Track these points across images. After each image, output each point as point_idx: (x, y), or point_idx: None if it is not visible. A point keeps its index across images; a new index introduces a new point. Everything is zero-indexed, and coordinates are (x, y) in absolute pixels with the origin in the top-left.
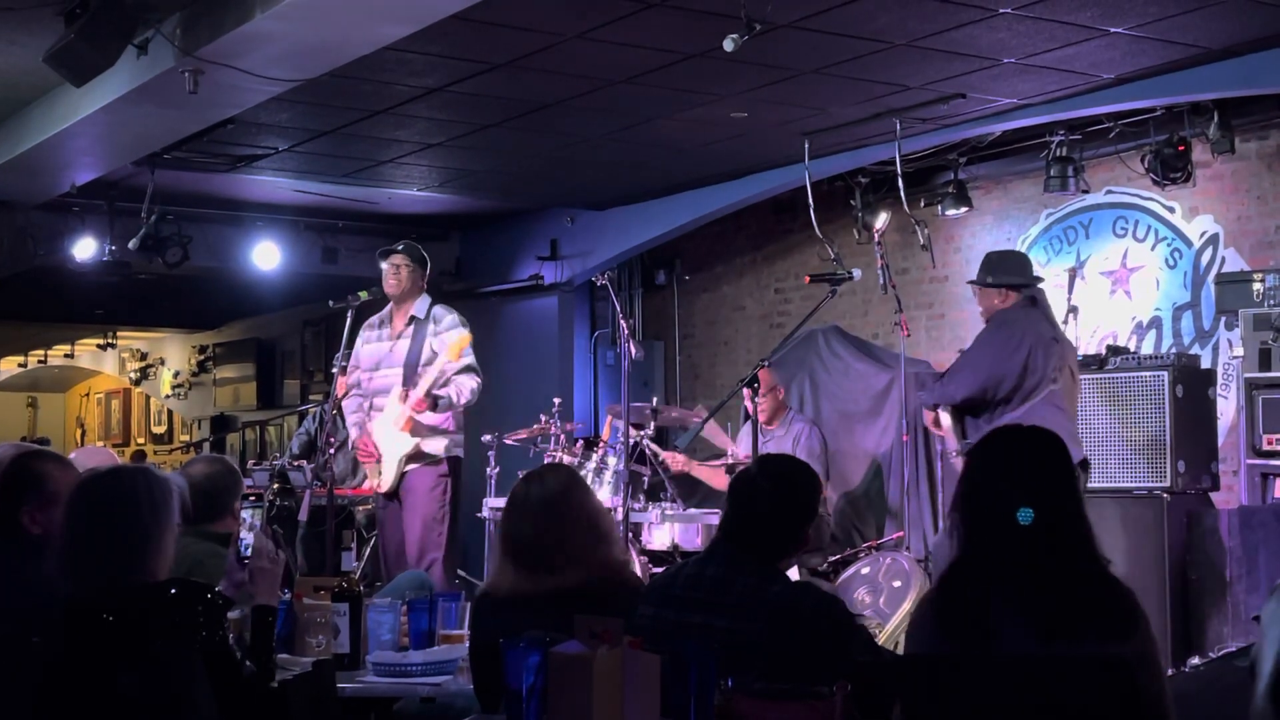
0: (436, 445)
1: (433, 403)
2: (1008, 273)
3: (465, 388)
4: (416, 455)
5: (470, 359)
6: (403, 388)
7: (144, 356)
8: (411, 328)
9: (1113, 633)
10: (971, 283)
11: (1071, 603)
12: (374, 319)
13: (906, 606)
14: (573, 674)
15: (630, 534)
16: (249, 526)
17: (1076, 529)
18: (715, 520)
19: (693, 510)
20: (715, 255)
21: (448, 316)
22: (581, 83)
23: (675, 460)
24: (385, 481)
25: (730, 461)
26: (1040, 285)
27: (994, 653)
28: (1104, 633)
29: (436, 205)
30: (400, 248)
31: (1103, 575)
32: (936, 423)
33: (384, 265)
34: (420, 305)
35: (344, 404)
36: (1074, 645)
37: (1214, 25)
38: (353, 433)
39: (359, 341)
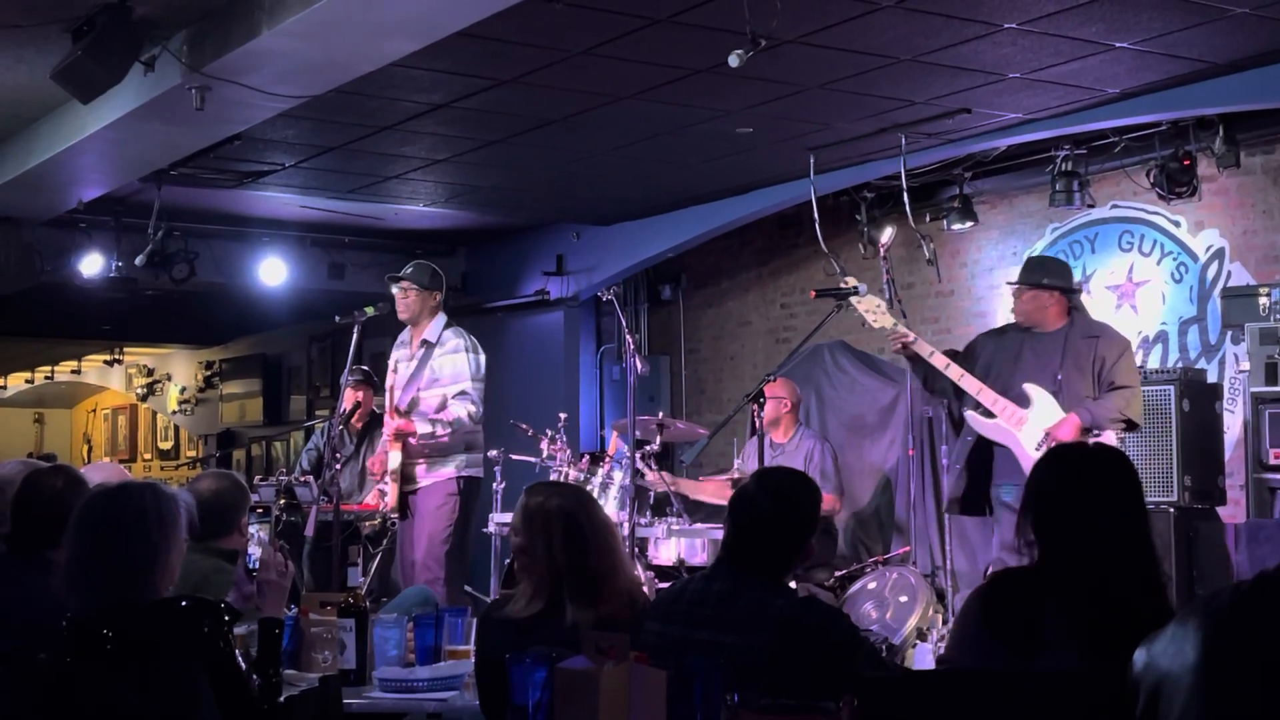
0: (446, 466)
1: (410, 429)
2: (1060, 277)
3: (451, 413)
4: (412, 476)
5: (466, 384)
6: (392, 408)
7: (150, 372)
8: (422, 350)
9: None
10: (1019, 284)
11: (1121, 623)
12: (401, 337)
13: (913, 621)
14: (579, 690)
15: (636, 549)
16: (256, 540)
17: (1135, 546)
18: (720, 535)
19: (698, 525)
20: (721, 270)
21: (454, 340)
22: (587, 98)
23: (659, 481)
24: (390, 499)
25: (736, 476)
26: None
27: (1035, 660)
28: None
29: (442, 221)
30: (406, 272)
31: (1157, 601)
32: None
33: (394, 290)
34: (433, 328)
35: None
36: (1112, 659)
37: (1219, 40)
38: (379, 456)
39: (390, 361)
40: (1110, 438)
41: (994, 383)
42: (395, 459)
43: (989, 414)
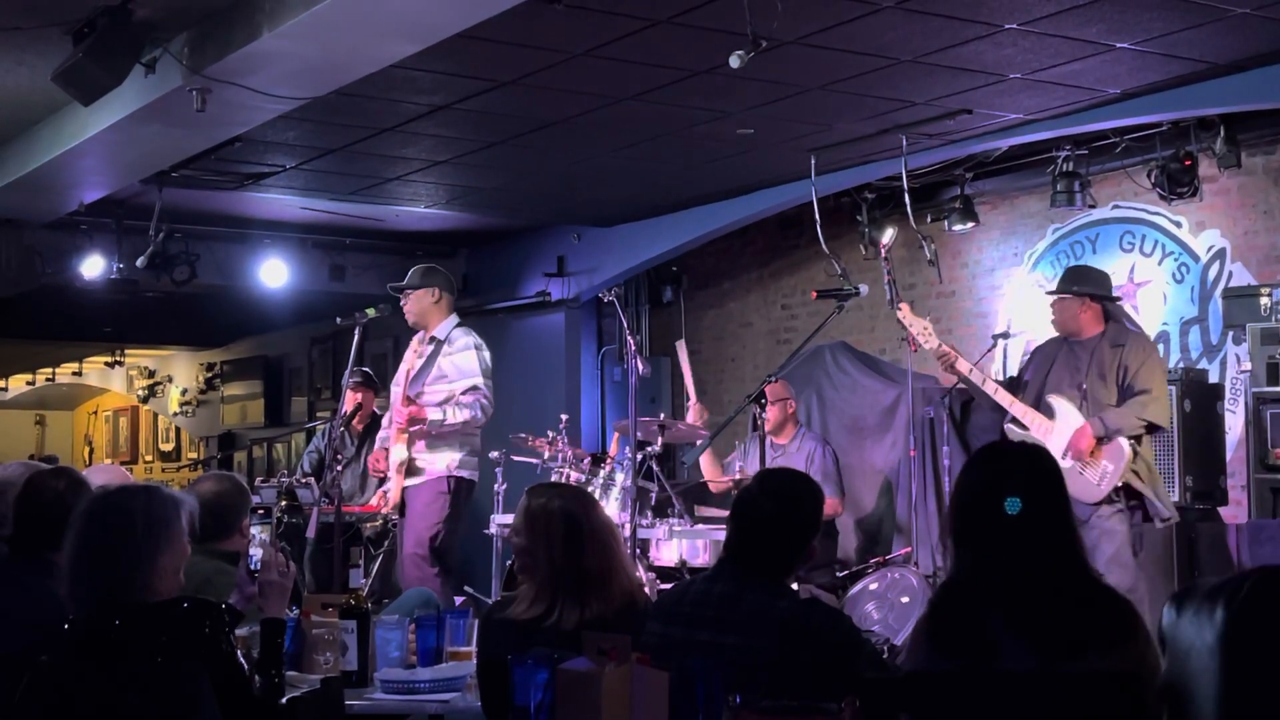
0: (438, 461)
1: (420, 415)
2: (1093, 285)
3: (463, 406)
4: (413, 469)
5: (477, 379)
6: (403, 397)
7: (152, 374)
8: (430, 348)
9: (1111, 641)
10: (1053, 293)
11: (1068, 615)
12: (416, 337)
13: (914, 622)
14: (581, 691)
15: (638, 550)
16: (257, 542)
17: (1067, 542)
18: (721, 536)
19: (700, 526)
20: (722, 271)
21: (462, 338)
22: (588, 100)
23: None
24: (391, 496)
25: (739, 477)
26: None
27: (997, 669)
28: (1102, 642)
29: (443, 222)
30: (404, 282)
31: (1095, 585)
32: (1096, 446)
33: (400, 300)
34: (444, 326)
35: (383, 422)
36: (1074, 658)
37: (1220, 40)
38: (379, 452)
39: (403, 361)
40: (1122, 444)
41: (1027, 394)
42: (401, 451)
43: (1024, 426)
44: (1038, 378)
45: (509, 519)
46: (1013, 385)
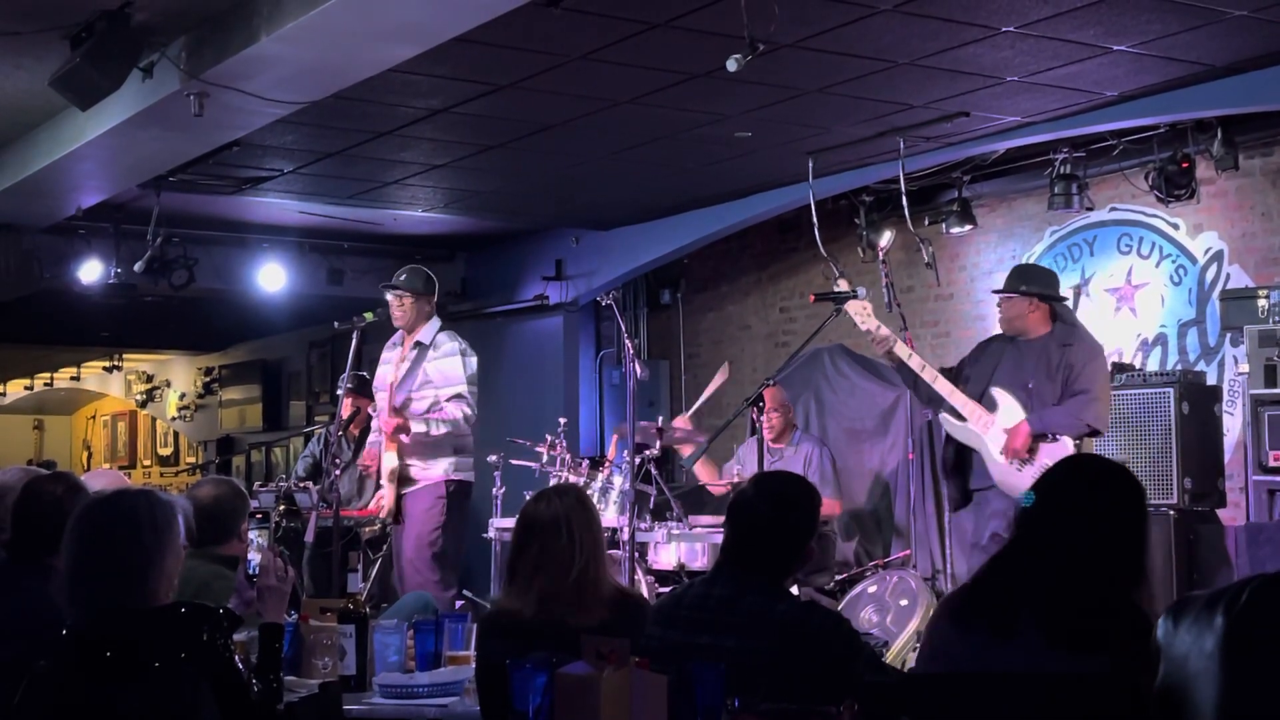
0: (433, 468)
1: (405, 425)
2: (1041, 284)
3: (447, 415)
4: (407, 478)
5: (461, 387)
6: (389, 407)
7: (150, 378)
8: (415, 352)
9: (1110, 650)
10: (1000, 292)
11: (1075, 615)
12: (394, 339)
13: (913, 625)
14: (579, 695)
15: (637, 553)
16: (256, 547)
17: (1092, 549)
18: (720, 539)
19: (699, 529)
20: (720, 274)
21: (448, 343)
22: (586, 103)
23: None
24: (386, 502)
25: (736, 480)
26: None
27: (1002, 654)
28: (1102, 648)
29: (441, 226)
30: (401, 279)
31: (1116, 596)
32: (1029, 449)
33: (389, 296)
34: (427, 331)
35: (372, 424)
36: (1080, 660)
37: (1217, 42)
38: (370, 451)
39: (380, 362)
40: (1066, 444)
41: (971, 387)
42: (391, 460)
43: (961, 417)
44: (982, 374)
45: (508, 523)
46: (952, 376)
